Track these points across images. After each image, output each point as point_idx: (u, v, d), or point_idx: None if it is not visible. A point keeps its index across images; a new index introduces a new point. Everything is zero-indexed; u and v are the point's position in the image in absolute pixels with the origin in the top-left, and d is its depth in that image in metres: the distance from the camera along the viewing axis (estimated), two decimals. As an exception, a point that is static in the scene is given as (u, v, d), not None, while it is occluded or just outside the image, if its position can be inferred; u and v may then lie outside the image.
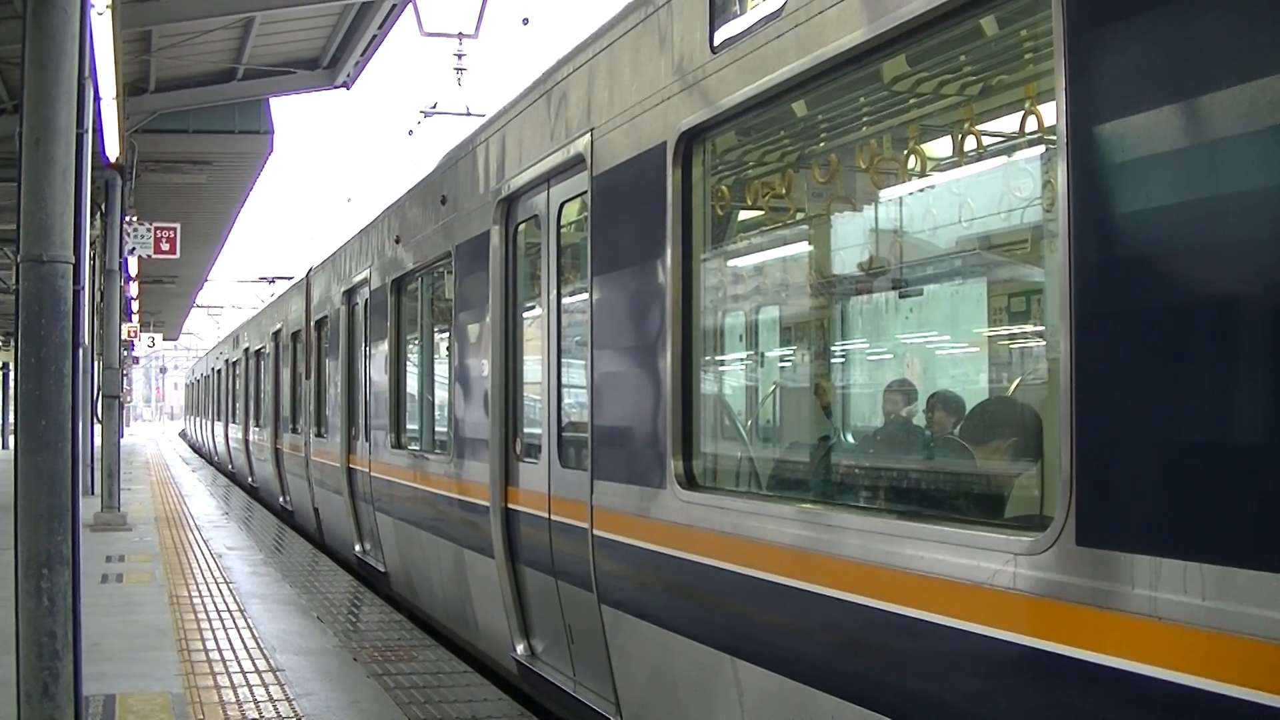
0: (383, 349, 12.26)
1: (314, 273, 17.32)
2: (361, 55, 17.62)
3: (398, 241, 11.57)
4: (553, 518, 7.26)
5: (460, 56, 21.52)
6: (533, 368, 8.06)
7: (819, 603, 4.61)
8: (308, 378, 17.33)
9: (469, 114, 23.55)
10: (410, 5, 16.14)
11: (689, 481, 5.63)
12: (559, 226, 7.37)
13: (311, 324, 17.18)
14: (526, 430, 8.09)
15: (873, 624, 4.34)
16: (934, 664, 4.13)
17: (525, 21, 20.30)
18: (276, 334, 21.00)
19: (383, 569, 12.32)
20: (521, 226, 8.12)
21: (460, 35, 20.06)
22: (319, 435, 16.28)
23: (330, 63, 18.23)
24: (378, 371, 12.55)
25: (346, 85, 18.54)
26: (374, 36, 16.84)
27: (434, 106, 24.97)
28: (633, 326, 6.21)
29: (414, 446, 11.36)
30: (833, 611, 4.56)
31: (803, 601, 4.72)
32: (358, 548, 13.56)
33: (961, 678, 4.01)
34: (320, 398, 16.54)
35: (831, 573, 4.55)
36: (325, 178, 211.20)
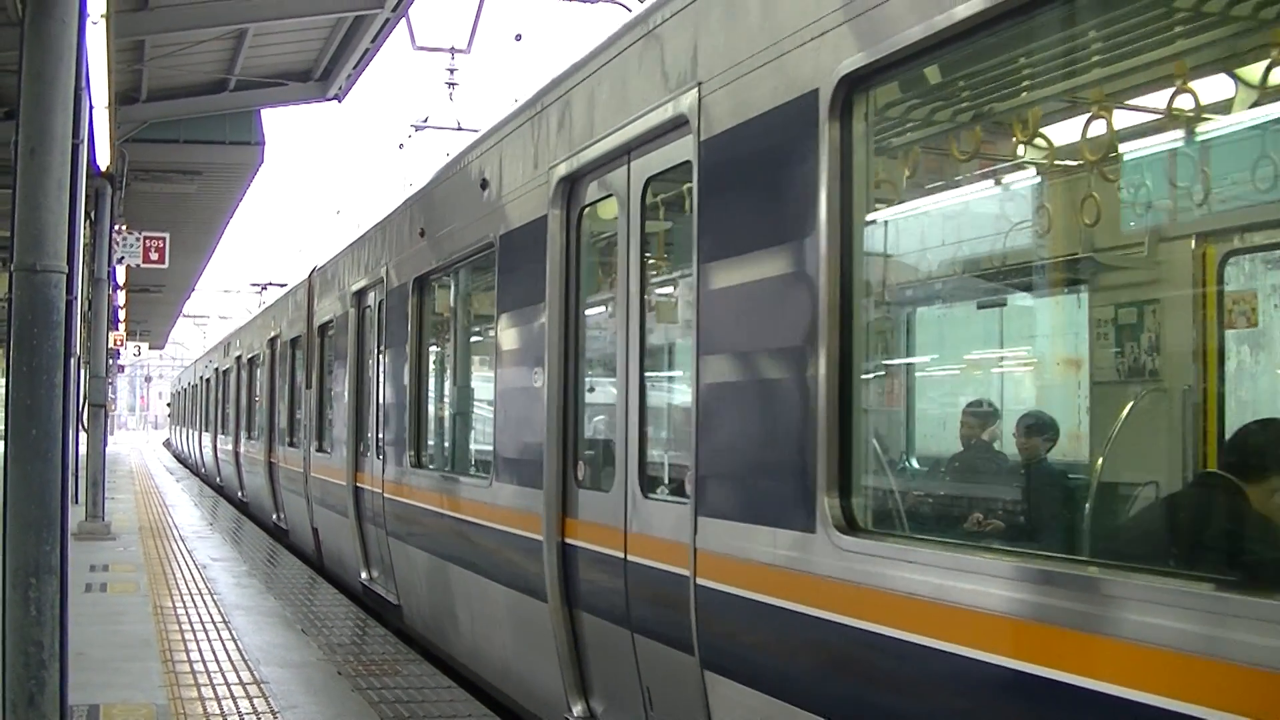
0: (401, 355, 10.82)
1: (318, 273, 16.05)
2: (354, 68, 17.60)
3: (422, 235, 10.31)
4: (631, 558, 6.10)
5: (452, 71, 21.60)
6: (603, 377, 6.93)
7: (1066, 696, 3.47)
8: (308, 387, 16.13)
9: (460, 128, 23.63)
10: (403, 19, 16.18)
11: (850, 524, 4.45)
12: (644, 206, 6.18)
13: (314, 329, 15.96)
14: (592, 452, 7.01)
15: None
16: None
17: (518, 37, 20.38)
18: (273, 340, 19.93)
19: (395, 601, 11.00)
20: (588, 209, 6.95)
21: (453, 50, 20.17)
22: (321, 450, 15.07)
23: (322, 75, 18.22)
24: (394, 381, 11.10)
25: (338, 98, 18.53)
26: (366, 50, 16.83)
27: (425, 121, 25.02)
28: (764, 324, 4.97)
29: (440, 467, 10.12)
30: (1087, 708, 3.43)
31: (1038, 694, 3.58)
32: (364, 575, 12.31)
33: None
34: (323, 409, 15.38)
35: (1078, 654, 3.44)
36: (315, 190, 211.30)
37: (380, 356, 11.87)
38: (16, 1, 6.26)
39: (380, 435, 11.62)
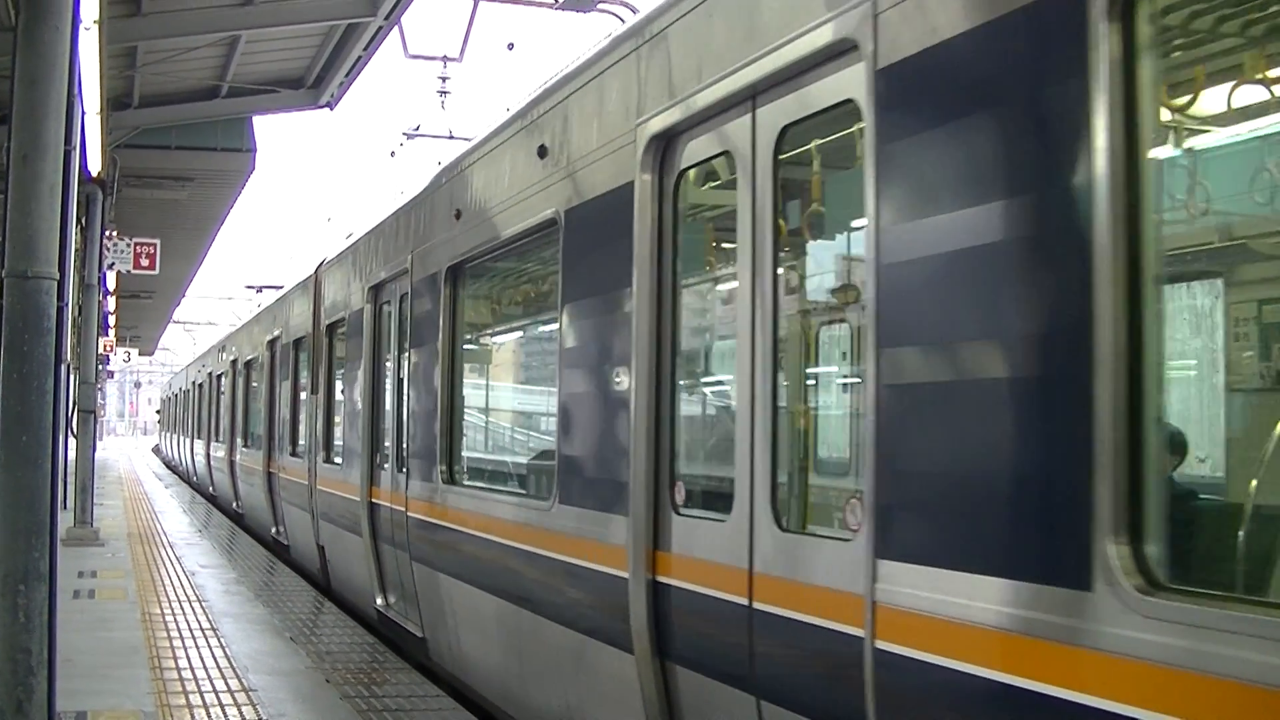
0: (431, 356, 9.31)
1: (326, 269, 14.49)
2: (346, 76, 17.64)
3: (458, 217, 8.88)
4: (759, 607, 4.88)
5: (444, 80, 21.59)
6: (713, 377, 5.83)
7: None
8: (314, 392, 14.73)
9: (452, 137, 23.62)
10: (396, 28, 16.20)
11: (1148, 581, 3.24)
12: (777, 162, 4.95)
13: (321, 328, 14.53)
14: (694, 472, 5.76)
15: None
16: None
17: (510, 46, 20.38)
18: (273, 342, 18.59)
19: (419, 634, 9.66)
20: (691, 172, 5.73)
21: (445, 58, 20.14)
22: (328, 461, 13.66)
23: (314, 83, 18.25)
24: (422, 385, 9.66)
25: (330, 105, 18.56)
26: (359, 58, 16.87)
27: (417, 129, 25.00)
28: (998, 305, 3.71)
29: (481, 484, 8.86)
30: None
31: None
32: (380, 600, 10.98)
33: None
34: (330, 416, 14.00)
35: None
36: (306, 197, 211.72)
37: (403, 357, 10.41)
38: (10, 7, 6.26)
39: (404, 446, 10.17)
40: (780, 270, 4.96)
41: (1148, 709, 3.14)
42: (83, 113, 12.42)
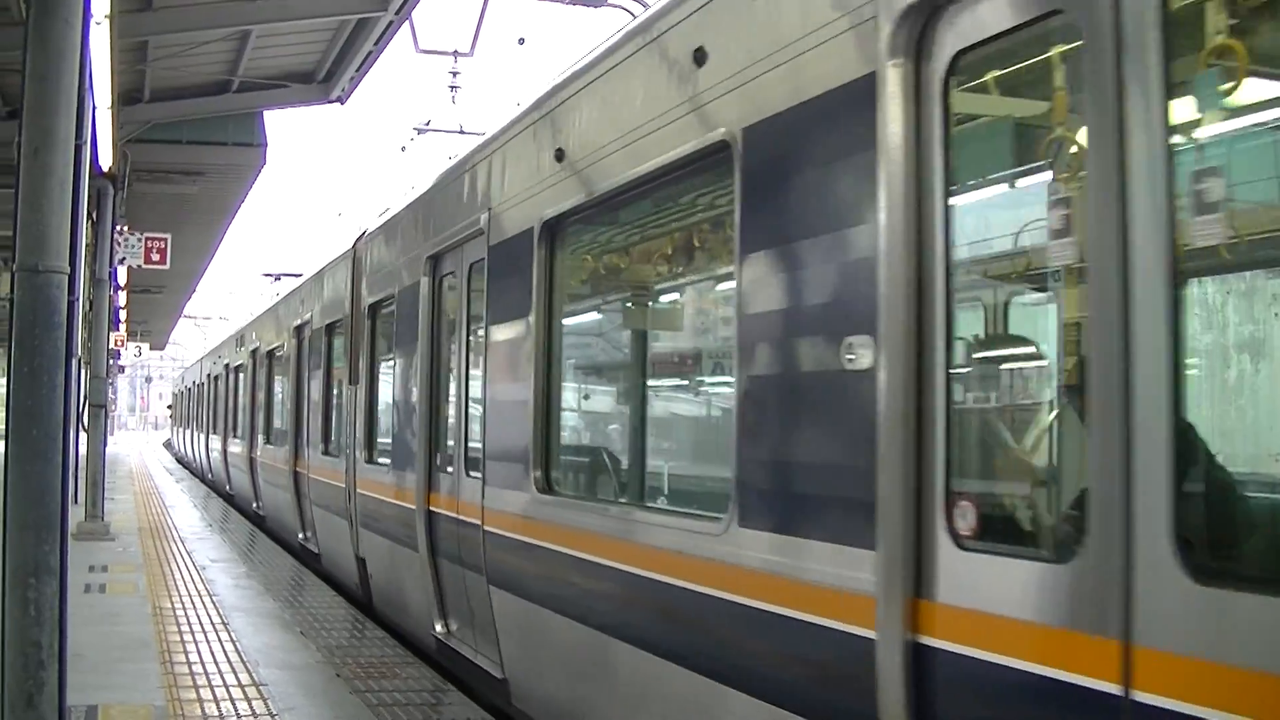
0: (516, 334, 7.70)
1: (367, 241, 12.68)
2: (356, 71, 17.66)
3: (559, 158, 7.16)
4: (1148, 700, 3.18)
5: (455, 74, 21.67)
6: (1036, 346, 4.38)
7: None
8: (353, 383, 12.95)
9: (463, 132, 23.67)
10: (406, 22, 16.20)
11: None
12: (1168, 15, 3.27)
13: (362, 309, 12.72)
14: (990, 488, 4.13)
15: None
16: None
17: (521, 41, 20.42)
18: (300, 329, 16.88)
19: (499, 674, 8.02)
20: (975, 53, 3.97)
21: (455, 53, 20.18)
22: (371, 461, 12.07)
23: (325, 77, 18.27)
24: (504, 370, 7.98)
25: (341, 100, 18.57)
26: (369, 52, 16.88)
27: (428, 124, 25.08)
28: None
29: (600, 494, 7.54)
30: None
31: None
32: (439, 627, 9.42)
33: None
34: (373, 409, 12.33)
35: None
36: (317, 191, 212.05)
37: (474, 339, 8.76)
38: (20, 2, 6.26)
39: (477, 445, 8.54)
40: (1180, 186, 3.27)
41: None
42: (93, 107, 12.43)
